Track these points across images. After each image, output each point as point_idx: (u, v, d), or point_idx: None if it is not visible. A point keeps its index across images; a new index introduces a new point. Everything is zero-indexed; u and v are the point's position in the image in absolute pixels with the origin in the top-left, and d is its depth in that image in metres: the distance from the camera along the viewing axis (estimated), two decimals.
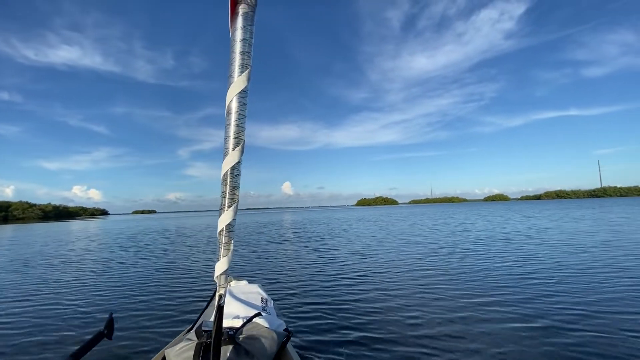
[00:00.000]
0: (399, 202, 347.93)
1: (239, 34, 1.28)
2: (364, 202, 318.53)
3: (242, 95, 1.27)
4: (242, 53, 1.27)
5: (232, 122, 1.27)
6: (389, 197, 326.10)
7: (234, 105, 1.27)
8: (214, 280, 1.29)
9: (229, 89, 1.25)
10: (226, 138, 1.27)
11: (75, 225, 40.99)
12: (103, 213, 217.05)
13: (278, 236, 14.43)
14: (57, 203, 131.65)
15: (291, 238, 13.28)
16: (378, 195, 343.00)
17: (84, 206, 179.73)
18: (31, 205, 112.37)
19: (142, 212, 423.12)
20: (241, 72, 1.25)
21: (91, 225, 38.97)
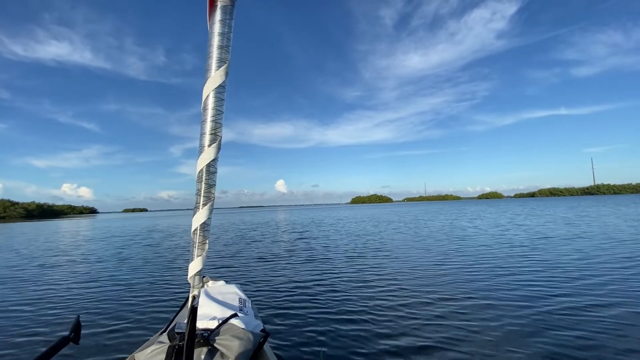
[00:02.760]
0: (393, 200, 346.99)
1: (217, 28, 1.23)
2: (358, 200, 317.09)
3: (220, 90, 1.23)
4: (220, 47, 1.23)
5: (209, 118, 1.22)
6: (383, 195, 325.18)
7: (211, 101, 1.23)
8: (187, 281, 1.25)
9: (206, 84, 1.22)
10: (202, 134, 1.23)
11: (54, 225, 38.35)
12: (92, 212, 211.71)
13: (279, 245, 10.62)
14: (47, 201, 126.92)
15: (301, 251, 8.75)
16: (372, 193, 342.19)
17: (73, 204, 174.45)
18: (13, 204, 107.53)
19: (133, 210, 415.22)
20: (219, 67, 1.22)
21: (70, 224, 36.42)
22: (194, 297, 1.22)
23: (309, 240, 11.68)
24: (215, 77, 1.20)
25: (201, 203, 1.22)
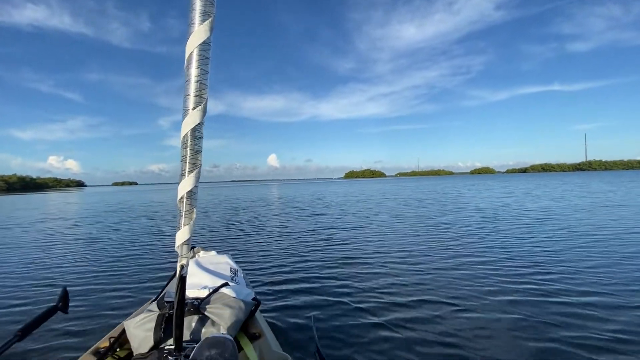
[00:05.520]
0: (386, 175, 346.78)
1: None
2: (351, 175, 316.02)
3: (204, 47, 1.09)
4: None
5: (193, 78, 1.09)
6: (376, 170, 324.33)
7: (195, 59, 1.08)
8: (175, 251, 1.20)
9: (189, 40, 1.07)
10: (186, 96, 1.10)
11: (29, 198, 35.10)
12: (79, 185, 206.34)
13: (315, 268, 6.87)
14: (37, 174, 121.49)
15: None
16: (365, 168, 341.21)
17: (60, 177, 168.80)
18: None
19: (122, 183, 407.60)
20: (203, 20, 1.06)
21: (44, 198, 33.61)
22: (182, 267, 1.18)
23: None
24: (199, 31, 1.05)
25: (187, 170, 1.13)
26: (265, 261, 4.82)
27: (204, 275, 1.94)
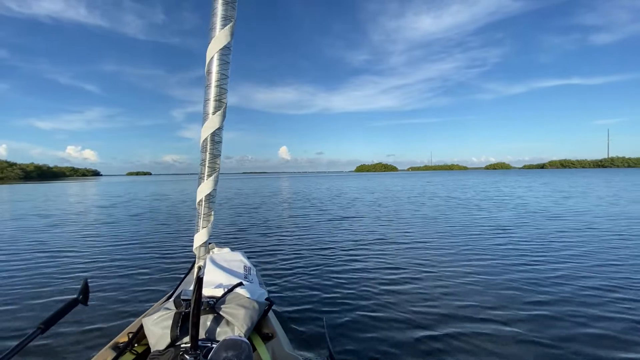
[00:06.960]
0: (398, 169, 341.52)
1: None
2: (363, 169, 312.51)
3: (225, 52, 1.09)
4: (226, 3, 1.07)
5: (213, 83, 1.10)
6: (388, 164, 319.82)
7: (215, 64, 1.09)
8: (193, 252, 1.25)
9: (210, 45, 1.07)
10: (206, 100, 1.11)
11: (37, 187, 34.62)
12: (95, 174, 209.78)
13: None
14: (56, 164, 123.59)
15: None
16: (377, 161, 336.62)
17: (78, 167, 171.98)
18: (11, 165, 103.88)
19: (137, 173, 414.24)
20: (224, 25, 1.06)
21: (51, 187, 32.99)
22: (199, 268, 1.20)
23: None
24: (220, 37, 1.06)
25: (206, 174, 1.15)
26: (279, 261, 4.78)
27: (218, 273, 1.93)
